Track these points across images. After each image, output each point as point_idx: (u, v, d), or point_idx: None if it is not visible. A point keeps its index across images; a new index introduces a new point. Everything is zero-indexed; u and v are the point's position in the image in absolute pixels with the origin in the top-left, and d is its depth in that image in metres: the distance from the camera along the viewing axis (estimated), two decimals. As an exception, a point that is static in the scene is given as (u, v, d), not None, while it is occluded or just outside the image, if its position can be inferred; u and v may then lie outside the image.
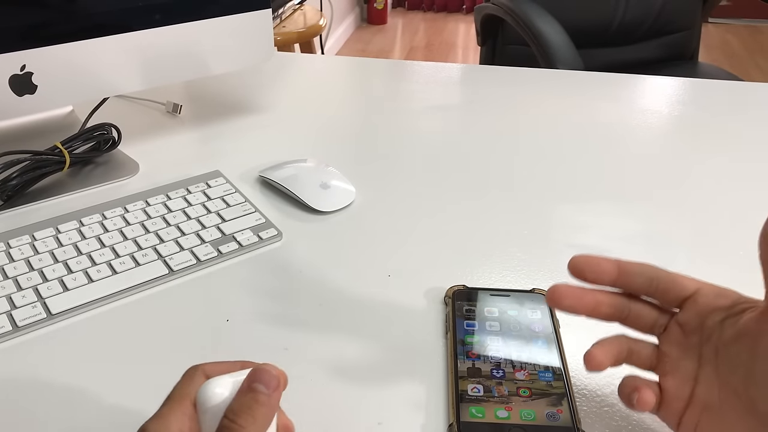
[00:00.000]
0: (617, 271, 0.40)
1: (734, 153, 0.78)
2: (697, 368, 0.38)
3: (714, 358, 0.37)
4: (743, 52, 3.50)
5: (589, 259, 0.41)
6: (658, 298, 0.40)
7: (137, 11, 0.68)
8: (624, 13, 1.70)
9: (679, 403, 0.38)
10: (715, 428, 0.37)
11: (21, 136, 0.73)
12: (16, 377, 0.46)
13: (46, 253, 0.56)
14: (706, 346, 0.38)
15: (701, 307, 0.38)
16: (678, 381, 0.38)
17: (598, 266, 0.41)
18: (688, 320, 0.39)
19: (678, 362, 0.39)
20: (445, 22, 4.01)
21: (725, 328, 0.37)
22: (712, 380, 0.37)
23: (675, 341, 0.39)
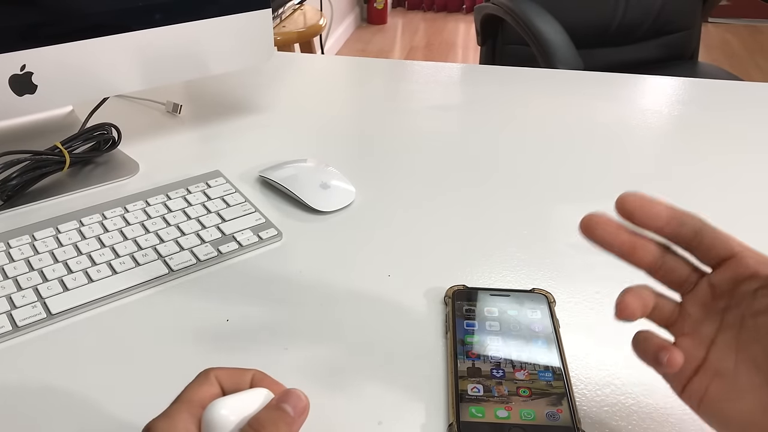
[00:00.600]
0: (668, 217, 0.37)
1: (734, 153, 0.78)
2: (716, 332, 0.37)
3: (738, 325, 0.36)
4: (743, 51, 3.50)
5: (639, 197, 0.37)
6: (699, 253, 0.37)
7: (137, 11, 0.68)
8: (624, 12, 1.70)
9: (690, 364, 0.37)
10: (726, 396, 0.36)
11: (21, 136, 0.73)
12: (16, 377, 0.46)
13: (46, 253, 0.56)
14: (732, 311, 0.36)
15: (739, 271, 0.36)
16: (694, 343, 0.37)
17: (651, 208, 0.37)
18: (721, 282, 0.37)
19: (698, 324, 0.37)
20: (445, 22, 4.00)
21: (758, 297, 0.35)
22: (730, 346, 0.36)
23: (701, 302, 0.37)
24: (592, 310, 0.52)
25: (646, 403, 0.44)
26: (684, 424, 0.43)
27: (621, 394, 0.45)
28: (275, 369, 0.46)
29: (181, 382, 0.46)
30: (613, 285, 0.56)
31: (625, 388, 0.46)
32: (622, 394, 0.45)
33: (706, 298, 0.37)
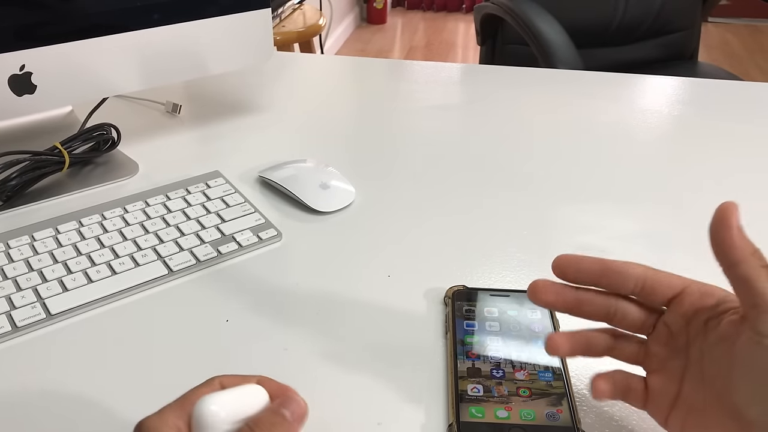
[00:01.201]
0: (600, 270, 0.39)
1: (734, 153, 0.77)
2: (684, 368, 0.37)
3: (700, 360, 0.36)
4: (743, 51, 3.50)
5: (570, 257, 0.40)
6: (645, 298, 0.39)
7: (136, 11, 0.68)
8: (624, 12, 1.70)
9: (665, 400, 0.38)
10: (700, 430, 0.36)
11: (20, 136, 0.73)
12: (16, 377, 0.46)
13: (45, 254, 0.56)
14: (692, 347, 0.37)
15: (686, 307, 0.37)
16: (665, 380, 0.38)
17: (579, 264, 0.39)
18: (674, 321, 0.38)
19: (666, 362, 0.38)
20: (445, 22, 4.00)
21: (709, 329, 0.36)
22: (698, 382, 0.36)
23: (663, 341, 0.38)
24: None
25: (646, 403, 0.44)
26: (684, 425, 0.43)
27: (621, 394, 0.45)
28: (275, 369, 0.46)
29: (180, 383, 0.46)
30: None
31: (625, 388, 0.45)
32: (622, 394, 0.45)
33: (666, 337, 0.38)
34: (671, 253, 0.60)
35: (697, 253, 0.60)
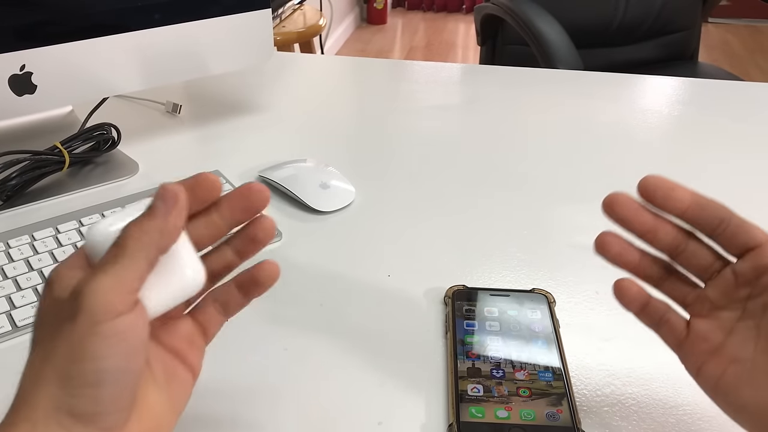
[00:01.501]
0: (690, 202, 0.37)
1: (735, 153, 0.77)
2: (736, 320, 0.36)
3: (761, 314, 0.36)
4: (743, 52, 3.51)
5: (664, 181, 0.38)
6: (723, 242, 0.37)
7: (137, 11, 0.68)
8: (624, 12, 1.70)
9: (705, 347, 0.37)
10: (742, 383, 0.36)
11: (20, 136, 0.73)
12: (16, 378, 0.46)
13: (45, 253, 0.56)
14: (755, 300, 0.36)
15: (762, 261, 0.36)
16: (712, 327, 0.37)
17: (672, 192, 0.37)
18: (745, 271, 0.36)
19: (718, 310, 0.37)
20: (445, 22, 4.01)
21: None
22: (750, 335, 0.36)
23: (723, 289, 0.37)
24: (592, 311, 0.52)
25: (646, 403, 0.44)
26: (684, 425, 0.43)
27: (621, 394, 0.45)
28: (275, 369, 0.46)
29: (180, 383, 0.46)
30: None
31: (625, 388, 0.45)
32: (622, 394, 0.45)
33: (728, 286, 0.37)
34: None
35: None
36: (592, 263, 0.58)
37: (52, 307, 0.30)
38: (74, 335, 0.28)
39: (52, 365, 0.29)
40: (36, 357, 0.30)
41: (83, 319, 0.28)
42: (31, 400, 0.29)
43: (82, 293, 0.28)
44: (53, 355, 0.29)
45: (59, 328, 0.29)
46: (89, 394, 0.28)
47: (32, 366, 0.30)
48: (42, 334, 0.31)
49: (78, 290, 0.29)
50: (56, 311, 0.30)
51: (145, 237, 0.30)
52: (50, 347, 0.29)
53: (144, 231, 0.30)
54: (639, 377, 0.46)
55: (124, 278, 0.29)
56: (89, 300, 0.28)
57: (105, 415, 0.29)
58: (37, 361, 0.30)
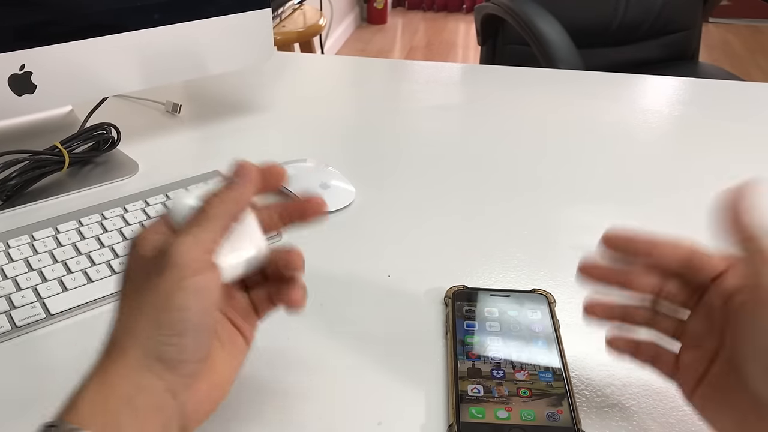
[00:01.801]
0: (648, 248, 0.40)
1: (735, 153, 0.77)
2: (717, 348, 0.38)
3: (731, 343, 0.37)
4: (744, 52, 3.50)
5: (620, 234, 0.41)
6: (691, 276, 0.39)
7: (137, 11, 0.68)
8: (624, 12, 1.70)
9: (693, 376, 0.38)
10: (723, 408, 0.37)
11: (20, 135, 0.73)
12: (15, 377, 0.46)
13: (45, 253, 0.56)
14: (728, 326, 0.37)
15: (726, 287, 0.37)
16: (697, 357, 0.38)
17: (631, 243, 0.40)
18: (713, 300, 0.38)
19: (702, 339, 0.38)
20: (445, 22, 4.00)
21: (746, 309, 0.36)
22: (728, 364, 0.37)
23: (702, 319, 0.39)
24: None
25: (646, 404, 0.44)
26: (684, 426, 0.43)
27: (621, 394, 0.45)
28: (274, 369, 0.46)
29: (180, 383, 0.45)
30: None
31: (626, 388, 0.45)
32: (623, 394, 0.45)
33: (705, 316, 0.39)
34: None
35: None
36: (592, 263, 0.58)
37: (139, 264, 0.34)
38: (162, 288, 0.32)
39: (144, 315, 0.32)
40: (125, 308, 0.34)
41: (171, 273, 0.32)
42: (125, 345, 0.32)
43: (170, 251, 0.32)
44: (144, 305, 0.32)
45: (147, 281, 0.33)
46: (175, 342, 0.32)
47: (122, 316, 0.34)
48: (130, 288, 0.34)
49: (165, 248, 0.33)
50: (143, 267, 0.34)
51: (222, 205, 0.35)
52: (140, 299, 0.33)
53: (221, 200, 0.35)
54: (639, 377, 0.46)
55: (204, 239, 0.33)
56: (176, 256, 0.32)
57: (187, 363, 0.33)
58: (127, 312, 0.33)
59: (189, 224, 0.34)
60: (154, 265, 0.33)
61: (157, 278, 0.32)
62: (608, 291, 0.41)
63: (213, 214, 0.34)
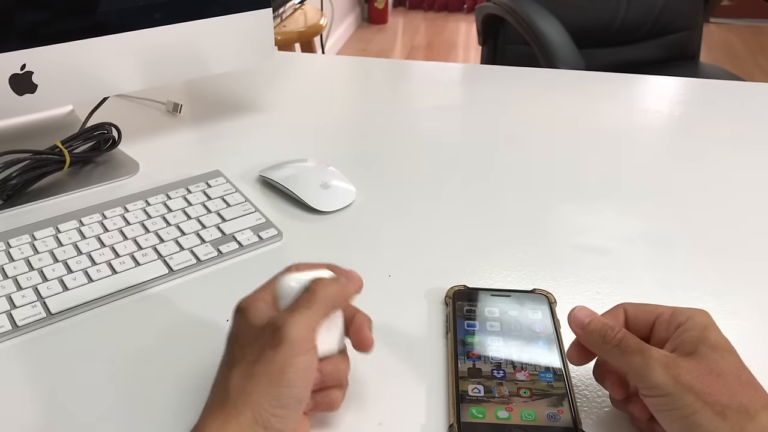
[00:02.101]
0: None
1: (736, 153, 0.77)
2: None
3: None
4: (745, 52, 3.50)
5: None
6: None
7: (138, 10, 0.68)
8: (625, 12, 1.70)
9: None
10: None
11: (21, 135, 0.73)
12: (16, 377, 0.46)
13: (45, 253, 0.56)
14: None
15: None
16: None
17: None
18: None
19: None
20: (446, 22, 4.00)
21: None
22: None
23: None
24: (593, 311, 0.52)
25: (647, 404, 0.44)
26: (685, 426, 0.43)
27: (622, 395, 0.45)
28: (275, 369, 0.46)
29: (181, 381, 0.46)
30: (613, 285, 0.56)
31: (626, 389, 0.45)
32: (623, 395, 0.45)
33: None
34: (671, 252, 0.60)
35: (698, 253, 0.60)
36: (592, 263, 0.58)
37: (250, 331, 0.38)
38: (276, 361, 0.35)
39: (258, 384, 0.35)
40: (239, 370, 0.36)
41: (284, 349, 0.36)
42: (241, 408, 0.35)
43: (285, 328, 0.36)
44: (258, 374, 0.36)
45: (262, 353, 0.36)
46: (280, 414, 0.35)
47: (235, 378, 0.36)
48: (242, 352, 0.37)
49: (280, 324, 0.36)
50: (255, 336, 0.37)
51: (331, 293, 0.39)
52: (254, 367, 0.36)
53: (330, 288, 0.39)
54: (640, 378, 0.46)
55: (312, 321, 0.37)
56: (290, 333, 0.36)
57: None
58: (241, 375, 0.36)
59: (299, 304, 0.38)
60: (266, 336, 0.36)
61: (272, 351, 0.36)
62: None
63: (322, 298, 0.38)
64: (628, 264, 0.58)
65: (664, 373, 0.36)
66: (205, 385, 0.38)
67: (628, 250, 0.60)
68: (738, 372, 0.37)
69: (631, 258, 0.59)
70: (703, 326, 0.39)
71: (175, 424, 0.43)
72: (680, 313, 0.40)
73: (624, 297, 0.54)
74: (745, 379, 0.37)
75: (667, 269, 0.58)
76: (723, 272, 0.57)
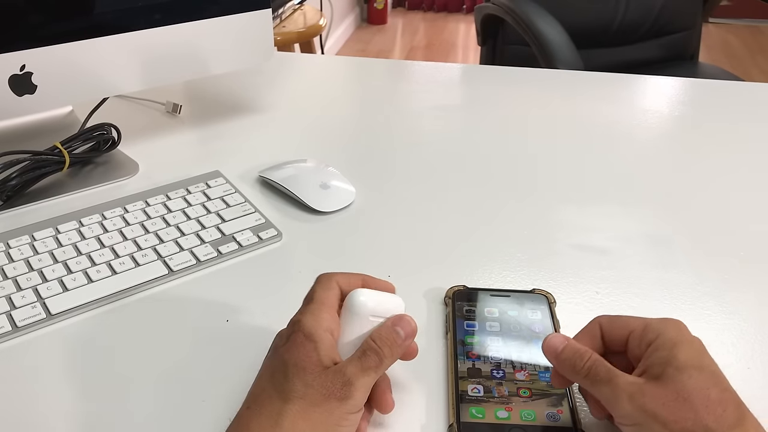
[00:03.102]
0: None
1: (735, 153, 0.77)
2: None
3: None
4: (744, 52, 3.50)
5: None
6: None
7: (137, 11, 0.68)
8: (624, 13, 1.70)
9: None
10: None
11: (21, 136, 0.73)
12: (16, 377, 0.46)
13: (45, 254, 0.56)
14: None
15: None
16: None
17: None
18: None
19: None
20: (446, 22, 4.00)
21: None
22: None
23: None
24: (592, 311, 0.52)
25: (646, 403, 0.44)
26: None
27: (621, 394, 0.45)
28: (275, 369, 0.46)
29: (181, 381, 0.46)
30: (613, 285, 0.56)
31: (626, 388, 0.45)
32: (623, 394, 0.45)
33: None
34: (671, 253, 0.60)
35: (698, 252, 0.60)
36: (592, 263, 0.58)
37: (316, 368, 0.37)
38: (335, 413, 0.36)
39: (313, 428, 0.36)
40: (297, 409, 0.36)
41: (348, 404, 0.37)
42: None
43: (355, 385, 0.37)
44: (316, 422, 0.36)
45: (326, 400, 0.36)
46: None
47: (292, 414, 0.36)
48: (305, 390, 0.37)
49: (351, 379, 0.37)
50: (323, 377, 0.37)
51: (395, 356, 0.40)
52: (314, 411, 0.36)
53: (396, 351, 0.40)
54: (639, 378, 0.46)
55: (372, 384, 0.39)
56: (358, 394, 0.37)
57: None
58: (298, 415, 0.36)
59: (369, 365, 0.38)
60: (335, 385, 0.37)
61: (337, 403, 0.36)
62: None
63: (386, 364, 0.39)
64: (628, 264, 0.58)
65: (630, 403, 0.36)
66: (205, 385, 0.38)
67: (628, 250, 0.60)
68: (706, 391, 0.35)
69: (631, 258, 0.59)
70: (672, 344, 0.38)
71: (175, 424, 0.43)
72: (651, 330, 0.39)
73: (623, 297, 0.54)
74: (714, 398, 0.35)
75: (667, 269, 0.58)
76: (723, 272, 0.57)
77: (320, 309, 0.40)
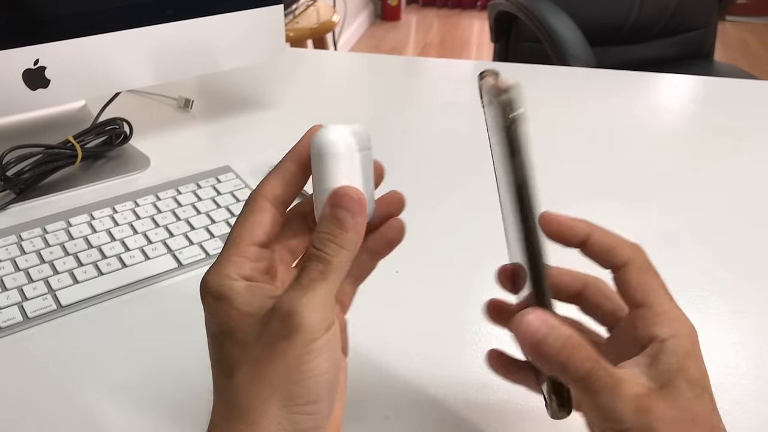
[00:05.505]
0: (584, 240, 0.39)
1: (749, 152, 0.77)
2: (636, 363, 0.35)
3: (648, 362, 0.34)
4: (762, 51, 3.47)
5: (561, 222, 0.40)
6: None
7: (150, 6, 0.69)
8: (639, 10, 1.69)
9: None
10: None
11: (34, 129, 0.74)
12: (26, 368, 0.47)
13: (57, 246, 0.57)
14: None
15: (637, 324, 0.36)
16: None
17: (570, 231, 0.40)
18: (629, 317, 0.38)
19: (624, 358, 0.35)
20: (459, 19, 3.99)
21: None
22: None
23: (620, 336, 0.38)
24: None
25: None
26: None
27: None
28: (281, 363, 0.46)
29: (190, 375, 0.46)
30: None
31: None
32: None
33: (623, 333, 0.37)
34: (684, 252, 0.59)
35: (710, 253, 0.59)
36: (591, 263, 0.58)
37: (246, 321, 0.30)
38: (290, 355, 0.28)
39: (273, 387, 0.29)
40: (243, 376, 0.29)
41: (300, 337, 0.28)
42: (257, 421, 0.29)
43: (297, 312, 0.29)
44: (271, 375, 0.29)
45: (271, 349, 0.29)
46: (310, 410, 0.29)
47: (240, 384, 0.29)
48: (243, 352, 0.30)
49: (291, 309, 0.29)
50: (256, 326, 0.30)
51: (346, 253, 0.31)
52: (264, 369, 0.29)
53: (344, 246, 0.31)
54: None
55: (331, 294, 0.30)
56: (307, 319, 0.28)
57: (322, 429, 0.30)
58: (245, 382, 0.29)
59: (312, 276, 0.30)
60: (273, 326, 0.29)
61: (285, 342, 0.29)
62: None
63: (337, 264, 0.31)
64: (636, 262, 0.58)
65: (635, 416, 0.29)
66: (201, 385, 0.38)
67: (637, 249, 0.59)
68: (710, 415, 0.31)
69: (640, 256, 0.59)
70: (685, 353, 0.31)
71: (185, 418, 0.43)
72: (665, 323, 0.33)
73: (632, 295, 0.54)
74: (715, 425, 0.31)
75: (675, 268, 0.57)
76: (732, 272, 0.57)
77: (226, 252, 0.32)
